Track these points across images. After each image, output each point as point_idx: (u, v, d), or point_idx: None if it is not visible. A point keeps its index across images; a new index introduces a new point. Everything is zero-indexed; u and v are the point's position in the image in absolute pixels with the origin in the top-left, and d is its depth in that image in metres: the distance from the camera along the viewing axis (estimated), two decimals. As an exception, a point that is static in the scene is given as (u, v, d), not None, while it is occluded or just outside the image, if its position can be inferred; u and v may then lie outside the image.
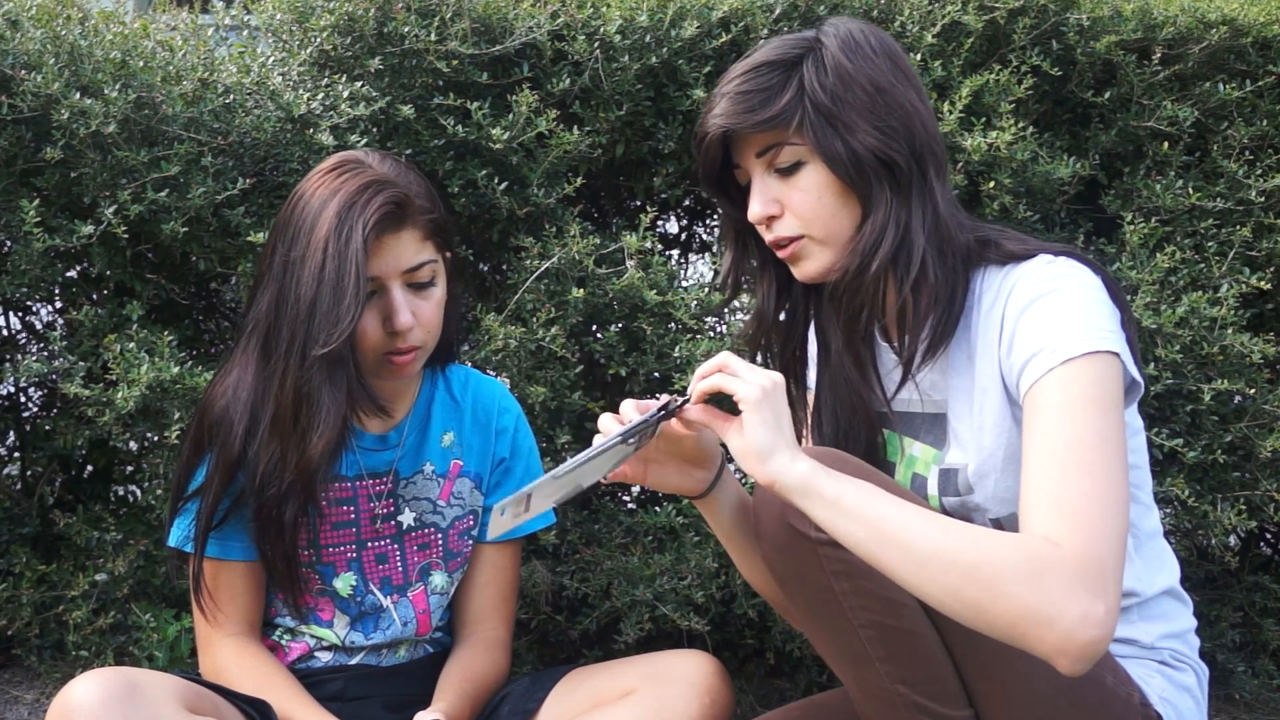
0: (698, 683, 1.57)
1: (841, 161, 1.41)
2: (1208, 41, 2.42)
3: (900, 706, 1.38)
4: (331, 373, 1.53)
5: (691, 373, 2.11)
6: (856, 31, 1.45)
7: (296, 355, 1.53)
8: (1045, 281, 1.37)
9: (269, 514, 1.60)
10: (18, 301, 2.46)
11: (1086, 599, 1.16)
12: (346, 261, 1.51)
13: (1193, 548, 2.45)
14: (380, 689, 1.73)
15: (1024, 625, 1.17)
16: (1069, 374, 1.30)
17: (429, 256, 1.62)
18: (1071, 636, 1.16)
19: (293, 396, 1.54)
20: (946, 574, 1.20)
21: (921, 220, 1.41)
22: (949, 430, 1.50)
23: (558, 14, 2.26)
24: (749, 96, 1.42)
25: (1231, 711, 2.45)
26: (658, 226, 2.54)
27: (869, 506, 1.25)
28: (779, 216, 1.46)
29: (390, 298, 1.59)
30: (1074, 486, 1.23)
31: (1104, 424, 1.28)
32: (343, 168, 1.59)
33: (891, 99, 1.42)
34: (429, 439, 1.76)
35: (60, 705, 1.36)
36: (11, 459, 2.56)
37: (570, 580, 2.22)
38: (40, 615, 2.30)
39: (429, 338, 1.64)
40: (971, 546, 1.20)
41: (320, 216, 1.54)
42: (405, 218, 1.57)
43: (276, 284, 1.57)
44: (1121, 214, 2.38)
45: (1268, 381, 2.34)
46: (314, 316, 1.52)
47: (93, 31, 2.14)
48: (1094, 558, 1.19)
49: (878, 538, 1.24)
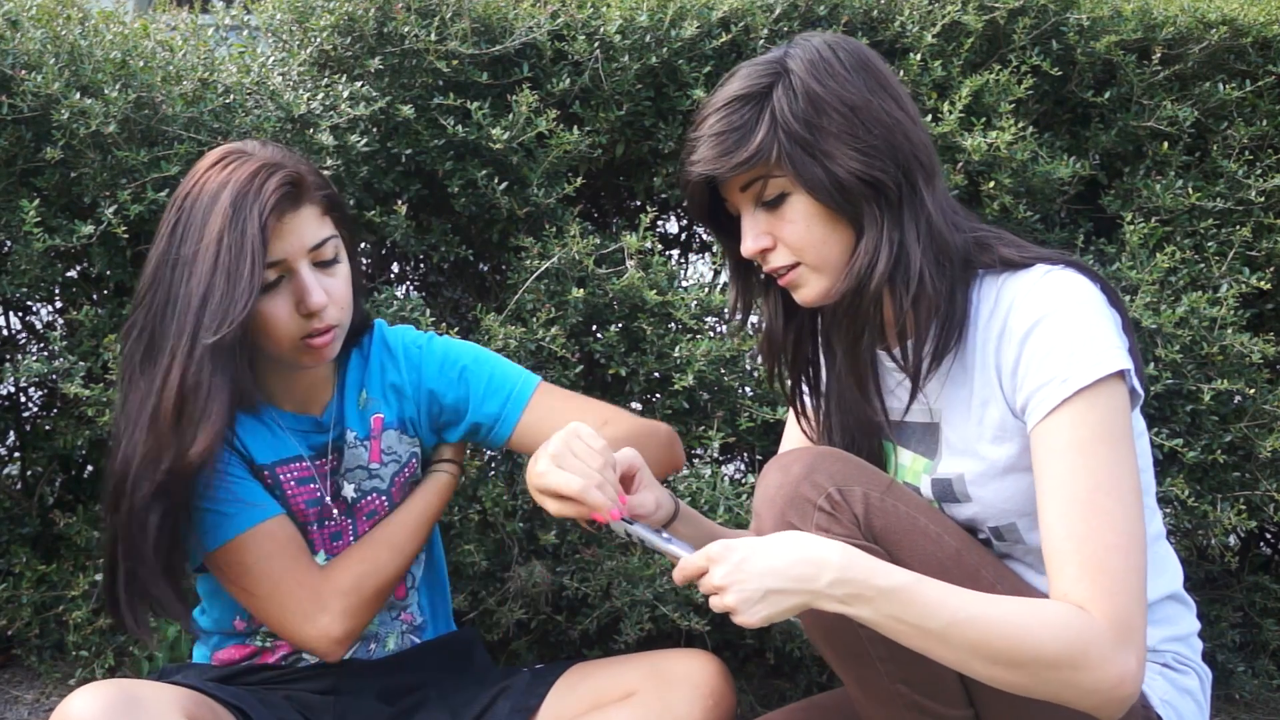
0: (700, 684, 1.56)
1: (825, 189, 1.38)
2: (1207, 41, 2.42)
3: (901, 706, 1.38)
4: (222, 362, 1.47)
5: (691, 373, 2.13)
6: (824, 48, 1.41)
7: (185, 347, 1.47)
8: (1047, 300, 1.36)
9: (134, 517, 1.50)
10: (18, 301, 2.46)
11: (1122, 660, 1.24)
12: (243, 248, 1.46)
13: (1193, 548, 2.45)
14: (372, 681, 1.72)
15: (1068, 698, 1.26)
16: (1080, 409, 1.31)
17: (330, 232, 1.58)
18: (1112, 697, 1.25)
19: (177, 390, 1.47)
20: (991, 668, 1.26)
21: (916, 234, 1.39)
22: (941, 439, 1.49)
23: (558, 14, 2.26)
24: (723, 138, 1.40)
25: (1231, 711, 2.45)
26: (658, 226, 2.54)
27: (906, 620, 1.26)
28: (771, 249, 1.45)
29: (300, 279, 1.54)
30: (1098, 541, 1.27)
31: (1117, 461, 1.30)
32: (227, 159, 1.54)
33: (869, 115, 1.38)
34: (346, 407, 1.73)
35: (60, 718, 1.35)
36: (11, 459, 2.56)
37: (570, 580, 2.22)
38: (40, 615, 2.29)
39: (343, 315, 1.60)
40: (1012, 643, 1.25)
41: (212, 210, 1.49)
42: (301, 196, 1.54)
43: (163, 287, 1.50)
44: (1121, 214, 2.38)
45: (1267, 381, 2.34)
46: (206, 306, 1.46)
47: (93, 31, 2.14)
48: (1123, 616, 1.25)
49: (920, 648, 1.28)
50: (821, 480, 1.37)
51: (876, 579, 1.26)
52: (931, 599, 1.26)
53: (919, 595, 1.26)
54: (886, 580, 1.26)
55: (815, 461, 1.39)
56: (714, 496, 2.11)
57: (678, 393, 2.19)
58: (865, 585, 1.26)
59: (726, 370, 2.20)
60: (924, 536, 1.38)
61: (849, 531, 1.35)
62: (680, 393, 2.19)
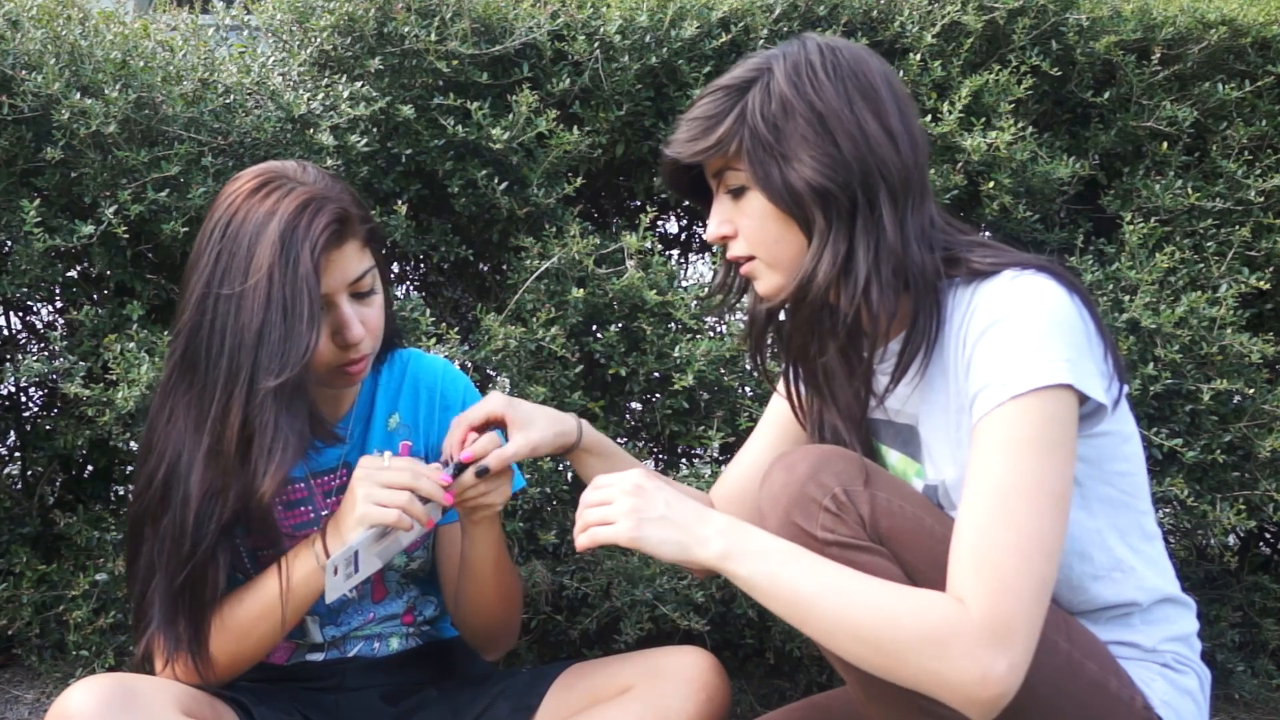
0: (694, 679, 1.57)
1: (778, 190, 1.39)
2: (1207, 42, 2.42)
3: (903, 706, 1.38)
4: (289, 403, 1.47)
5: (691, 373, 2.13)
6: (815, 53, 1.41)
7: (242, 389, 1.46)
8: (1002, 305, 1.35)
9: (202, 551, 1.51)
10: (18, 301, 2.46)
11: (987, 659, 1.23)
12: (298, 288, 1.45)
13: (1192, 548, 2.45)
14: (377, 680, 1.73)
15: (928, 687, 1.26)
16: (1014, 412, 1.29)
17: (369, 264, 1.57)
18: (971, 697, 1.24)
19: (239, 431, 1.47)
20: (855, 645, 1.29)
21: (867, 248, 1.39)
22: (922, 445, 1.49)
23: (558, 14, 2.26)
24: (695, 124, 1.43)
25: (1231, 711, 2.45)
26: (658, 226, 2.55)
27: (779, 582, 1.31)
28: (733, 237, 1.47)
29: (340, 313, 1.54)
30: (996, 540, 1.26)
31: (1043, 467, 1.28)
32: (270, 185, 1.51)
33: (838, 126, 1.38)
34: (373, 426, 1.74)
35: (58, 712, 1.36)
36: (12, 459, 2.56)
37: (570, 580, 2.22)
38: (40, 615, 2.29)
39: (376, 342, 1.61)
40: (877, 619, 1.27)
41: (259, 243, 1.46)
42: (346, 232, 1.52)
43: (208, 319, 1.49)
44: (1121, 214, 2.38)
45: (1267, 381, 2.34)
46: (262, 346, 1.45)
47: (93, 31, 2.14)
48: (1001, 617, 1.24)
49: (790, 614, 1.32)
50: (827, 480, 1.37)
51: (759, 537, 1.35)
52: (807, 563, 1.31)
53: (795, 558, 1.32)
54: (770, 540, 1.34)
55: (821, 461, 1.39)
56: (714, 496, 2.11)
57: (677, 392, 2.19)
58: (748, 540, 1.34)
59: (726, 370, 2.21)
60: (930, 538, 1.37)
61: (854, 532, 1.35)
62: (680, 392, 2.20)
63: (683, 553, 1.35)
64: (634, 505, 1.38)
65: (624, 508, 1.38)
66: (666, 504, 1.38)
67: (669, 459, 2.52)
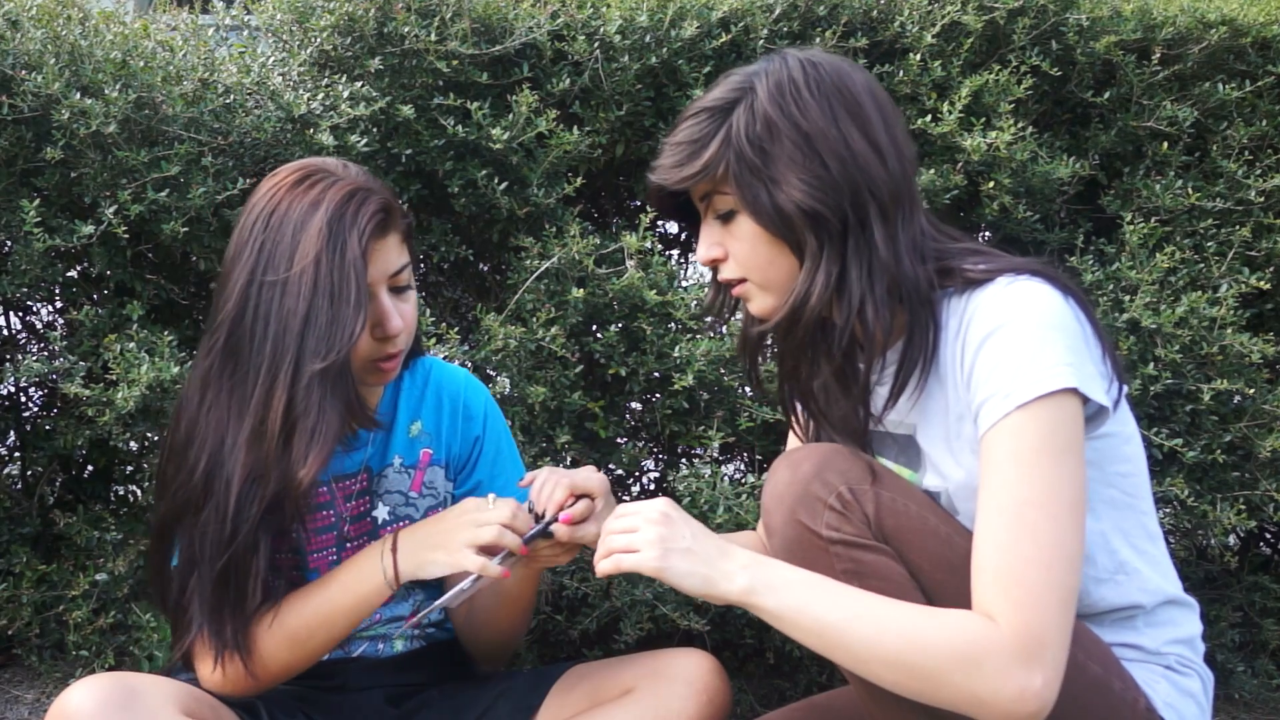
0: (695, 681, 1.57)
1: (768, 214, 1.38)
2: (1207, 42, 2.42)
3: (906, 706, 1.38)
4: (333, 387, 1.48)
5: (691, 373, 2.13)
6: (798, 70, 1.40)
7: (287, 372, 1.47)
8: (999, 313, 1.34)
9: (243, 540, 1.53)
10: (18, 301, 2.46)
11: (1023, 676, 1.23)
12: (345, 273, 1.47)
13: (1192, 548, 2.45)
14: (381, 680, 1.73)
15: (965, 708, 1.26)
16: (1021, 421, 1.29)
17: (408, 259, 1.60)
18: (1010, 714, 1.24)
19: (283, 414, 1.48)
20: (888, 671, 1.29)
21: (859, 267, 1.38)
22: (922, 454, 1.49)
23: (558, 14, 2.26)
24: (680, 149, 1.42)
25: (1231, 711, 2.45)
26: (658, 226, 2.54)
27: (807, 614, 1.31)
28: (723, 259, 1.46)
29: (380, 304, 1.55)
30: (1018, 554, 1.26)
31: (1056, 475, 1.28)
32: (313, 178, 1.53)
33: (825, 146, 1.37)
34: (395, 432, 1.74)
35: (58, 711, 1.35)
36: (11, 459, 2.56)
37: (570, 580, 2.22)
38: (40, 615, 2.29)
39: (410, 339, 1.62)
40: (908, 644, 1.27)
41: (305, 231, 1.48)
42: (389, 223, 1.55)
43: (252, 306, 1.50)
44: (1121, 214, 2.38)
45: (1267, 381, 2.34)
46: (308, 331, 1.47)
47: (93, 31, 2.14)
48: (1032, 632, 1.24)
49: (820, 645, 1.31)
50: (832, 479, 1.37)
51: (782, 570, 1.34)
52: (833, 592, 1.31)
53: (821, 588, 1.31)
54: (794, 572, 1.33)
55: (826, 459, 1.39)
56: (714, 496, 2.11)
57: (677, 392, 2.19)
58: (773, 574, 1.33)
59: (726, 370, 2.20)
60: (934, 537, 1.37)
61: (859, 531, 1.35)
62: (680, 392, 2.20)
63: (708, 587, 1.34)
64: (660, 535, 1.36)
65: (650, 536, 1.37)
66: (693, 535, 1.37)
67: (669, 459, 2.52)
